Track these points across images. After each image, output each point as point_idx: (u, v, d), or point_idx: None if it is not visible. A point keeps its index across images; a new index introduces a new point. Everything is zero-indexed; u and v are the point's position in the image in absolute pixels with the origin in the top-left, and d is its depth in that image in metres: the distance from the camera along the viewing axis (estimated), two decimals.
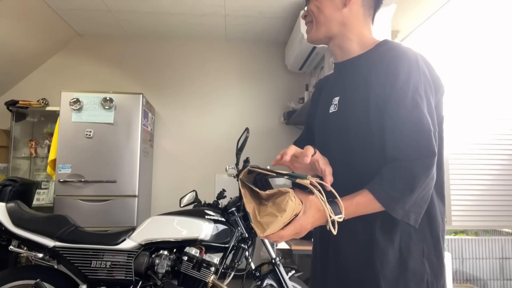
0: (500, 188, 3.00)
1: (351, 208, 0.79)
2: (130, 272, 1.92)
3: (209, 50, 3.94)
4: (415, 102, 0.81)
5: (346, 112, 0.92)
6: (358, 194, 0.81)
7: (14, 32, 3.13)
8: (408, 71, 0.83)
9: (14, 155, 3.55)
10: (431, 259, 0.86)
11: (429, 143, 0.80)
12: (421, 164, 0.79)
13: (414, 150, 0.80)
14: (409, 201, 0.79)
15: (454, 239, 3.05)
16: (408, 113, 0.81)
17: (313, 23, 0.97)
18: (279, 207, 0.75)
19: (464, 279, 3.00)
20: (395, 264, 0.84)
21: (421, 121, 0.80)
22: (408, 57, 0.84)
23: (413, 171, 0.79)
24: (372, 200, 0.79)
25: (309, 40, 1.01)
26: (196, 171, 3.80)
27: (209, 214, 2.05)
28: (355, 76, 0.93)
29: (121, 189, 3.06)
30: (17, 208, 2.04)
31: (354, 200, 0.80)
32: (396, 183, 0.79)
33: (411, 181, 0.78)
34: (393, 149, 0.82)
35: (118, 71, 3.86)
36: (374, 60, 0.90)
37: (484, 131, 3.06)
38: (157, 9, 3.22)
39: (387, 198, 0.79)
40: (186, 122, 3.87)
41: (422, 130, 0.80)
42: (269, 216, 0.76)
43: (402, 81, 0.82)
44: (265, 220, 0.76)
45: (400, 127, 0.81)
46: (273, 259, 2.08)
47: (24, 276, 1.96)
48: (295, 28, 3.19)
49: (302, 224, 0.75)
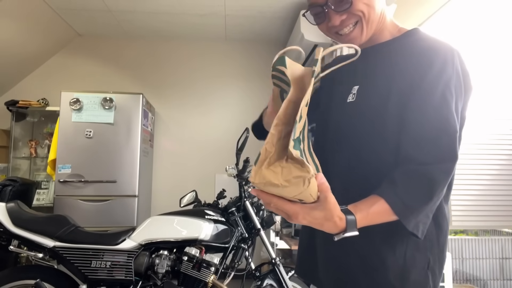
0: (500, 188, 3.00)
1: (364, 221, 0.69)
2: (130, 272, 1.92)
3: (209, 50, 3.94)
4: (444, 98, 0.74)
5: (364, 102, 0.84)
6: (373, 203, 0.70)
7: (14, 32, 3.13)
8: (442, 65, 0.75)
9: (14, 155, 3.55)
10: (435, 271, 0.79)
11: (453, 146, 0.73)
12: (441, 169, 0.72)
13: (436, 151, 0.72)
14: (424, 210, 0.72)
15: (454, 239, 3.05)
16: (434, 110, 0.74)
17: (361, 23, 0.82)
18: (288, 173, 0.59)
19: (464, 279, 3.00)
20: (394, 275, 0.77)
21: (447, 121, 0.73)
22: (444, 51, 0.77)
23: (432, 177, 0.71)
24: (387, 210, 0.70)
25: (358, 43, 0.84)
26: (196, 171, 3.79)
27: (209, 214, 2.05)
28: (379, 66, 0.84)
29: (121, 189, 3.06)
30: (17, 208, 2.04)
31: (370, 211, 0.69)
32: (413, 190, 0.71)
33: (430, 188, 0.71)
34: (411, 147, 0.74)
35: (118, 71, 3.86)
36: (402, 50, 0.82)
37: (484, 131, 3.06)
38: (157, 9, 3.22)
39: (403, 207, 0.70)
40: (186, 122, 3.87)
41: (447, 130, 0.73)
42: (273, 174, 0.60)
43: (433, 75, 0.75)
44: (266, 175, 0.60)
45: (423, 123, 0.74)
46: (273, 259, 2.08)
47: (24, 276, 1.96)
48: (295, 28, 3.19)
49: (299, 216, 0.63)
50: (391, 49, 0.85)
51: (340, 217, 0.65)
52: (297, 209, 0.63)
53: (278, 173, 0.60)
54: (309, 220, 0.64)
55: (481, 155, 3.02)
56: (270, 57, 3.95)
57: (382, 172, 0.77)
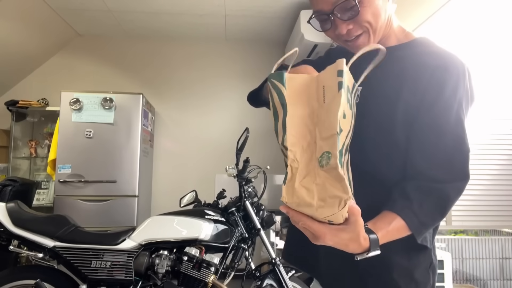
0: (500, 188, 3.00)
1: (384, 239, 0.70)
2: (130, 272, 1.92)
3: (209, 50, 3.94)
4: (459, 118, 0.75)
5: (368, 105, 0.82)
6: (391, 221, 0.71)
7: (14, 32, 3.13)
8: (456, 84, 0.76)
9: (14, 155, 3.55)
10: (435, 269, 0.83)
11: (466, 165, 0.75)
12: (454, 188, 0.74)
13: (450, 170, 0.74)
14: (434, 225, 0.76)
15: (454, 239, 3.05)
16: (450, 129, 0.75)
17: (369, 32, 0.81)
18: (324, 191, 0.56)
19: (464, 279, 3.00)
20: (398, 274, 0.79)
21: (462, 140, 0.75)
22: (457, 68, 0.77)
23: (446, 195, 0.73)
24: (404, 227, 0.72)
25: (363, 50, 0.78)
26: (196, 171, 3.80)
27: (209, 214, 2.05)
28: (385, 71, 0.81)
29: (121, 189, 3.06)
30: (17, 208, 2.04)
31: (389, 229, 0.70)
32: (428, 208, 0.73)
33: (444, 206, 0.73)
34: (425, 163, 0.75)
35: (118, 71, 3.86)
36: (413, 60, 0.81)
37: (484, 131, 3.06)
38: (157, 9, 3.22)
39: (419, 225, 0.72)
40: (186, 122, 3.87)
41: (461, 150, 0.75)
42: (306, 192, 0.57)
43: (448, 94, 0.75)
44: (300, 194, 0.58)
45: (439, 142, 0.74)
46: (273, 259, 2.08)
47: (24, 276, 1.96)
48: (295, 28, 3.19)
49: (327, 237, 0.63)
50: (398, 56, 0.83)
51: (364, 237, 0.65)
52: (325, 231, 0.62)
53: (312, 191, 0.57)
54: (335, 241, 0.64)
55: (481, 155, 3.02)
56: (270, 57, 3.95)
57: (387, 177, 0.79)
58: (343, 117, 0.60)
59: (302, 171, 0.60)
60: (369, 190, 0.78)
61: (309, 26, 0.89)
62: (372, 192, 0.79)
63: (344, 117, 0.60)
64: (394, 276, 0.79)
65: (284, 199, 0.60)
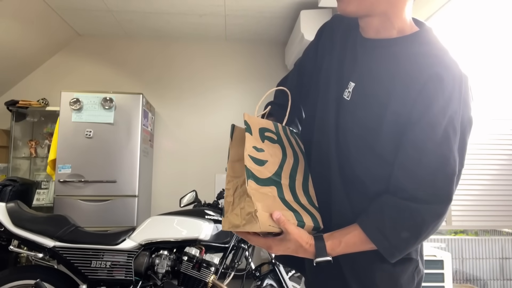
0: (500, 188, 3.00)
1: (338, 249, 0.71)
2: (130, 272, 1.92)
3: (209, 50, 3.94)
4: (446, 135, 0.69)
5: (358, 106, 0.78)
6: (349, 231, 0.72)
7: (14, 32, 3.13)
8: (449, 98, 0.69)
9: (14, 155, 3.55)
10: (420, 271, 0.81)
11: (448, 188, 0.70)
12: (432, 210, 0.70)
13: (430, 191, 0.70)
14: (409, 250, 0.73)
15: (454, 239, 3.05)
16: (434, 147, 0.69)
17: None
18: (244, 212, 0.69)
19: (464, 279, 3.00)
20: (381, 278, 0.77)
21: (447, 160, 0.69)
22: (453, 80, 0.70)
23: (422, 218, 0.70)
24: (366, 240, 0.71)
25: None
26: (196, 171, 3.79)
27: (209, 214, 2.05)
28: (381, 68, 0.76)
29: (121, 189, 3.06)
30: (17, 208, 2.04)
31: (344, 239, 0.71)
32: (401, 230, 0.70)
33: (419, 229, 0.70)
34: (405, 180, 0.71)
35: (118, 71, 3.86)
36: (407, 62, 0.74)
37: (484, 131, 3.06)
38: (157, 9, 3.22)
39: (389, 246, 0.71)
40: (186, 122, 3.87)
41: (445, 170, 0.69)
42: (235, 217, 0.71)
43: (438, 108, 0.69)
44: (231, 220, 0.72)
45: (422, 159, 0.70)
46: (273, 259, 2.08)
47: (24, 276, 1.96)
48: (295, 28, 3.19)
49: (274, 248, 0.71)
50: (395, 53, 0.76)
51: (310, 243, 0.71)
52: (269, 243, 0.71)
53: (239, 215, 0.70)
54: (283, 249, 0.71)
55: (481, 155, 3.02)
56: (270, 57, 3.95)
57: (374, 180, 0.76)
58: (256, 151, 0.75)
59: (235, 203, 0.74)
60: (356, 197, 0.77)
61: (309, 26, 0.89)
62: (359, 199, 0.77)
63: (258, 150, 0.76)
64: (377, 282, 0.77)
65: (224, 228, 0.73)
